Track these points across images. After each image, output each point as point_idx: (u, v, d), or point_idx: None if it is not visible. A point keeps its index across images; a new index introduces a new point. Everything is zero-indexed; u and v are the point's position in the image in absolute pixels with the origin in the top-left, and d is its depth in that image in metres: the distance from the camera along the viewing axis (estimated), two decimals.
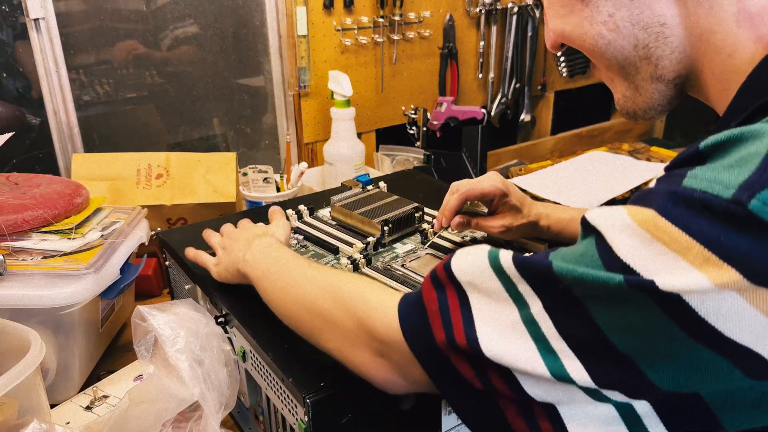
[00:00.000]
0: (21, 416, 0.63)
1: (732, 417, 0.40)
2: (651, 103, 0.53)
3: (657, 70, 0.50)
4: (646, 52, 0.50)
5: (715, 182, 0.36)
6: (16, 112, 1.22)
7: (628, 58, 0.51)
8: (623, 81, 0.53)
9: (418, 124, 1.48)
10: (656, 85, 0.51)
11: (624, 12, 0.49)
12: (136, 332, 0.68)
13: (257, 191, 1.15)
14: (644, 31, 0.49)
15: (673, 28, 0.48)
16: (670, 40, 0.49)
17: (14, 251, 0.80)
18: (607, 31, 0.50)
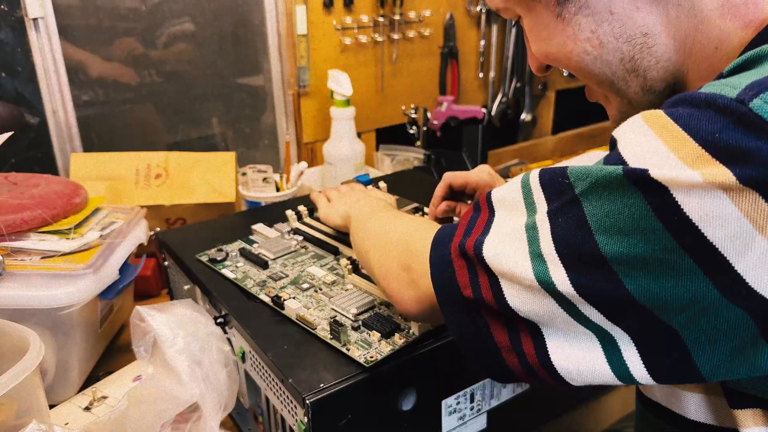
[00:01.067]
0: (20, 417, 0.63)
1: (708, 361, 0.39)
2: None
3: (646, 82, 0.50)
4: (633, 65, 0.49)
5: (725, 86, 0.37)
6: (14, 111, 1.22)
7: (615, 72, 0.50)
8: (616, 96, 0.53)
9: (419, 123, 1.48)
10: (648, 97, 0.51)
11: (606, 27, 0.48)
12: (135, 333, 0.68)
13: (256, 191, 1.15)
14: (628, 44, 0.49)
15: (656, 36, 0.48)
16: (655, 50, 0.48)
17: (13, 251, 0.80)
18: (591, 47, 0.50)
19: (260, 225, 0.87)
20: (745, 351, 0.38)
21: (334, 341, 0.62)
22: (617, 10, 0.48)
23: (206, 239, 0.87)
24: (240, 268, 0.77)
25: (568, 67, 0.53)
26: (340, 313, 0.67)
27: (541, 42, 0.53)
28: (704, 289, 0.37)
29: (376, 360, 0.59)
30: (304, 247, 0.82)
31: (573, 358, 0.43)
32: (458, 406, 0.68)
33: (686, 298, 0.37)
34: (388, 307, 0.68)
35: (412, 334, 0.63)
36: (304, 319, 0.65)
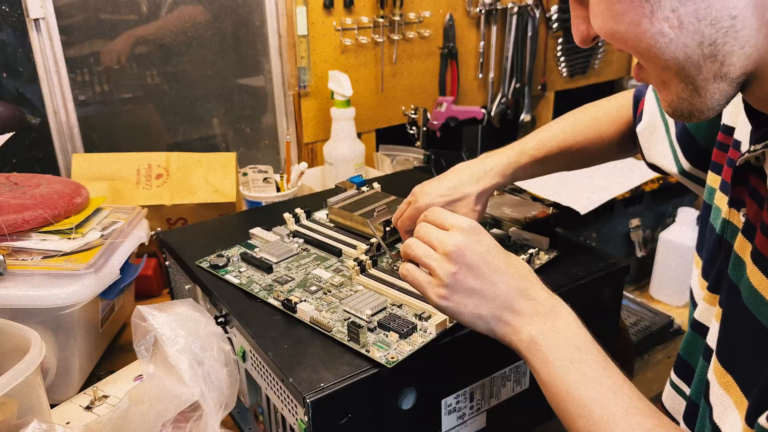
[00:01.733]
0: (21, 416, 0.63)
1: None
2: (710, 104, 0.48)
3: (723, 67, 0.45)
4: (712, 50, 0.45)
5: None
6: (16, 112, 1.22)
7: (690, 57, 0.45)
8: (680, 82, 0.47)
9: (418, 124, 1.48)
10: (719, 84, 0.46)
11: (689, 6, 0.43)
12: (136, 332, 0.68)
13: (257, 191, 1.15)
14: (712, 27, 0.44)
15: (745, 20, 0.43)
16: (742, 34, 0.44)
17: (14, 251, 0.80)
18: (669, 28, 0.44)
19: (258, 229, 0.87)
20: None
21: (352, 343, 0.62)
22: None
23: (207, 239, 0.87)
24: (243, 273, 0.77)
25: (633, 49, 0.47)
26: (354, 315, 0.67)
27: (610, 17, 0.47)
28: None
29: (398, 360, 0.60)
30: (305, 250, 0.83)
31: None
32: (458, 405, 0.68)
33: None
34: (401, 308, 0.68)
35: (430, 334, 0.63)
36: (318, 321, 0.65)
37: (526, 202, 0.93)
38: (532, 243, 0.81)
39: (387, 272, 0.74)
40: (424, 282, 0.58)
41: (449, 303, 0.56)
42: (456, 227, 0.57)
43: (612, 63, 1.96)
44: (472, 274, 0.56)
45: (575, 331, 0.54)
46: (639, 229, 1.46)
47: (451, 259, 0.56)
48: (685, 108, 0.49)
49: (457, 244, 0.56)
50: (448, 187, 0.76)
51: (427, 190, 0.77)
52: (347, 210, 0.87)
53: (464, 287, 0.56)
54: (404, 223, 0.77)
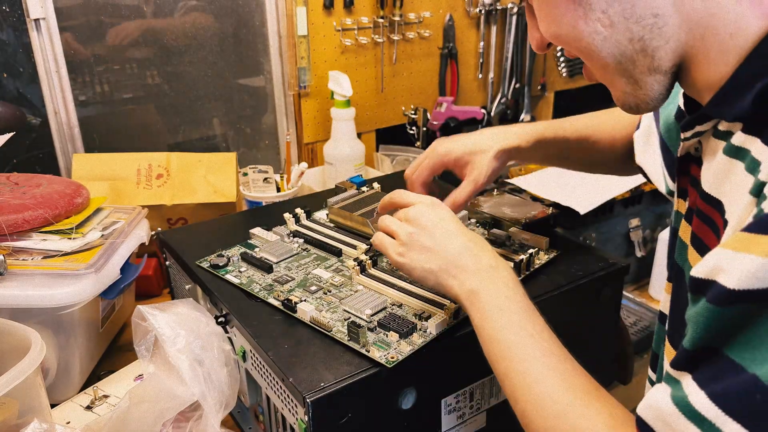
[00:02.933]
0: (21, 416, 0.63)
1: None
2: (652, 95, 0.53)
3: (654, 61, 0.50)
4: (642, 45, 0.49)
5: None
6: (16, 112, 1.22)
7: (624, 52, 0.50)
8: (621, 77, 0.53)
9: (418, 124, 1.48)
10: (654, 76, 0.51)
11: (616, 6, 0.48)
12: (137, 332, 0.69)
13: (257, 191, 1.15)
14: (638, 24, 0.49)
15: (666, 17, 0.48)
16: (665, 30, 0.48)
17: (15, 251, 0.80)
18: (602, 27, 0.49)
19: (258, 229, 0.87)
20: None
21: (352, 343, 0.62)
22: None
23: (208, 239, 0.87)
24: (244, 273, 0.77)
25: (576, 48, 0.52)
26: (354, 315, 0.67)
27: (551, 22, 0.52)
28: None
29: (397, 360, 0.60)
30: (305, 250, 0.83)
31: None
32: (457, 404, 0.68)
33: None
34: (401, 307, 0.68)
35: (429, 334, 0.63)
36: (318, 321, 0.66)
37: (526, 202, 0.94)
38: (531, 243, 0.81)
39: (387, 272, 0.74)
40: (387, 242, 0.65)
41: (405, 259, 0.63)
42: (418, 201, 0.66)
43: None
44: (426, 234, 0.63)
45: (510, 285, 0.59)
46: (638, 229, 1.46)
47: (410, 221, 0.64)
48: (631, 101, 0.54)
49: (416, 211, 0.65)
50: (470, 140, 0.78)
51: (448, 141, 0.78)
52: (347, 210, 0.87)
53: (419, 245, 0.62)
54: (422, 173, 0.77)
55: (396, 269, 0.75)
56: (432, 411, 0.66)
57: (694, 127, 0.54)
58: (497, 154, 0.76)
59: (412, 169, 0.79)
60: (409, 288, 0.71)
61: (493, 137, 0.78)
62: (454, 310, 0.65)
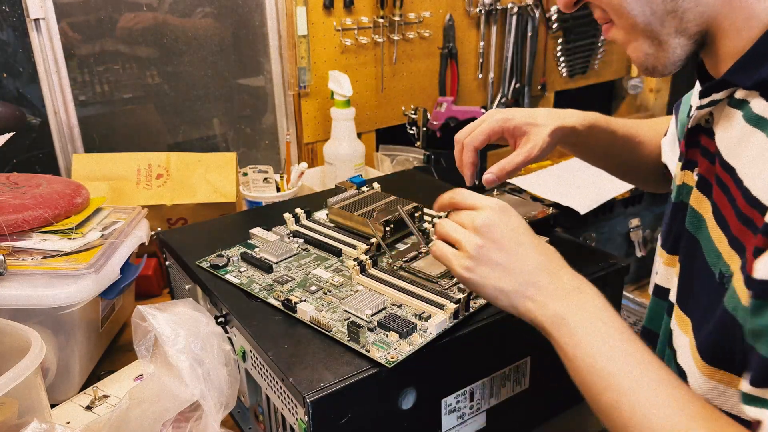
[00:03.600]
0: (21, 416, 0.63)
1: None
2: (673, 58, 0.54)
3: (682, 23, 0.51)
4: (673, 6, 0.51)
5: None
6: (16, 112, 1.22)
7: (655, 12, 0.51)
8: (646, 39, 0.53)
9: (418, 124, 1.48)
10: (679, 39, 0.52)
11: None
12: (137, 332, 0.69)
13: (257, 191, 1.15)
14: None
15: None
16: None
17: (14, 251, 0.80)
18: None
19: (258, 229, 0.87)
20: None
21: (352, 343, 0.62)
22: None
23: (207, 239, 0.87)
24: (243, 273, 0.77)
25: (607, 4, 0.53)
26: (354, 315, 0.67)
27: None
28: None
29: (397, 360, 0.60)
30: (305, 250, 0.83)
31: None
32: (457, 405, 0.68)
33: None
34: (401, 307, 0.68)
35: (429, 334, 0.63)
36: (318, 321, 0.66)
37: (526, 202, 0.94)
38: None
39: (387, 272, 0.74)
40: (450, 254, 0.58)
41: (473, 275, 0.56)
42: (485, 206, 0.59)
43: (612, 63, 1.96)
44: (497, 247, 0.56)
45: (601, 307, 0.53)
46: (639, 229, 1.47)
47: (478, 232, 0.57)
48: (651, 62, 0.55)
49: (485, 220, 0.57)
50: (528, 113, 0.76)
51: (506, 110, 0.77)
52: (347, 210, 0.87)
53: (489, 260, 0.56)
54: (476, 137, 0.74)
55: (396, 270, 0.75)
56: (432, 411, 0.66)
57: (711, 95, 0.54)
58: (555, 130, 0.74)
59: (466, 133, 0.76)
60: (409, 288, 0.71)
61: (550, 114, 0.76)
62: (454, 310, 0.65)
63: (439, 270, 0.74)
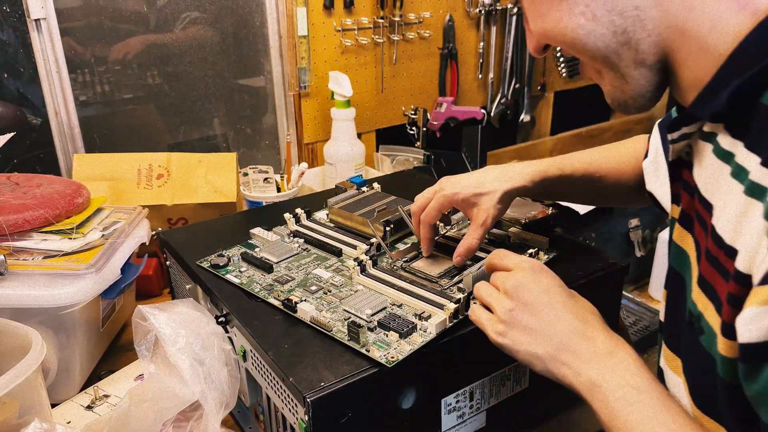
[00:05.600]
0: (22, 416, 0.63)
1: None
2: (639, 90, 0.53)
3: (638, 54, 0.51)
4: (625, 38, 0.51)
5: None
6: (17, 112, 1.22)
7: (609, 45, 0.51)
8: (609, 71, 0.54)
9: (418, 124, 1.48)
10: (640, 70, 0.52)
11: (599, 0, 0.50)
12: (137, 332, 0.69)
13: (258, 191, 1.15)
14: (620, 17, 0.50)
15: (647, 10, 0.49)
16: (646, 23, 0.50)
17: (15, 251, 0.80)
18: (585, 21, 0.51)
19: (258, 229, 0.87)
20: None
21: (352, 342, 0.62)
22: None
23: (208, 239, 0.87)
24: (244, 272, 0.77)
25: (563, 43, 0.54)
26: (354, 315, 0.67)
27: (539, 18, 0.54)
28: None
29: (397, 360, 0.60)
30: (306, 250, 0.83)
31: None
32: (458, 404, 0.68)
33: None
34: (401, 307, 0.69)
35: (429, 333, 0.63)
36: (318, 321, 0.66)
37: (526, 202, 0.94)
38: (531, 243, 0.81)
39: (387, 272, 0.75)
40: (484, 318, 0.58)
41: (506, 340, 0.56)
42: (518, 267, 0.59)
43: None
44: (528, 311, 0.56)
45: (634, 371, 0.52)
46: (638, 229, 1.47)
47: (509, 296, 0.57)
48: (619, 96, 0.55)
49: (516, 282, 0.57)
50: (476, 180, 0.77)
51: (454, 181, 0.77)
52: (347, 210, 0.88)
53: (521, 324, 0.56)
54: (430, 214, 0.75)
55: (397, 270, 0.75)
56: (432, 411, 0.66)
57: (681, 129, 0.54)
58: (503, 196, 0.75)
59: (420, 207, 0.77)
60: (409, 288, 0.71)
61: (498, 178, 0.76)
62: (454, 310, 0.65)
63: (439, 270, 0.74)
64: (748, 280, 0.42)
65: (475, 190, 0.75)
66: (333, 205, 0.90)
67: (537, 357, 0.55)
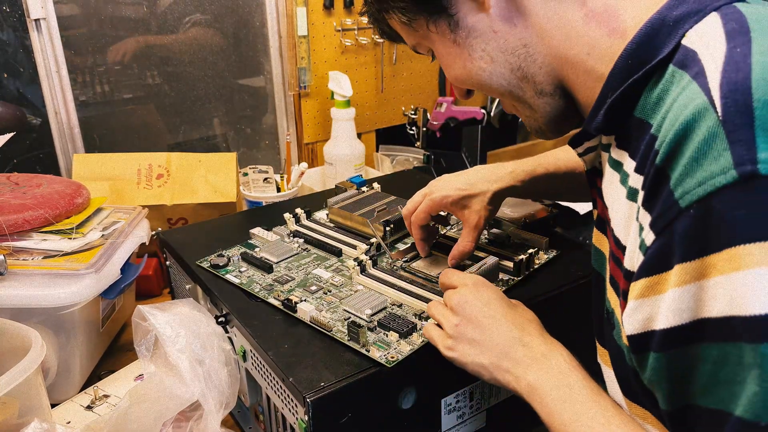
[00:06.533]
0: (22, 416, 0.63)
1: None
2: (548, 116, 0.57)
3: (536, 85, 0.56)
4: (521, 73, 0.55)
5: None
6: (16, 112, 1.22)
7: (510, 81, 0.56)
8: (519, 104, 0.58)
9: (418, 124, 1.48)
10: (543, 99, 0.56)
11: (492, 44, 0.55)
12: (137, 332, 0.69)
13: (257, 191, 1.15)
14: (513, 55, 0.55)
15: (534, 46, 0.54)
16: (536, 57, 0.54)
17: (15, 251, 0.80)
18: (485, 64, 0.56)
19: (258, 229, 0.87)
20: None
21: (352, 342, 0.62)
22: (498, 29, 0.54)
23: (208, 239, 0.87)
24: (244, 272, 0.77)
25: (473, 86, 0.59)
26: (354, 315, 0.67)
27: (448, 68, 0.59)
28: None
29: (397, 360, 0.60)
30: (306, 250, 0.83)
31: None
32: (457, 404, 0.68)
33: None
34: (401, 307, 0.69)
35: None
36: (318, 321, 0.66)
37: (526, 202, 0.94)
38: (531, 243, 0.81)
39: (387, 272, 0.75)
40: (435, 335, 0.61)
41: (455, 353, 0.59)
42: (461, 284, 0.63)
43: None
44: (472, 325, 0.59)
45: (567, 372, 0.55)
46: None
47: (455, 312, 0.61)
48: (534, 125, 0.60)
49: (460, 299, 0.61)
50: (465, 182, 0.77)
51: (443, 183, 0.78)
52: (347, 210, 0.87)
53: (466, 337, 0.59)
54: (419, 216, 0.77)
55: (397, 270, 0.75)
56: (432, 411, 0.66)
57: (583, 143, 0.57)
58: (493, 196, 0.76)
59: (409, 211, 0.78)
60: (409, 288, 0.71)
61: (487, 179, 0.78)
62: None
63: (439, 270, 0.74)
64: (632, 277, 0.45)
65: (465, 192, 0.76)
66: (333, 205, 0.90)
67: (483, 367, 0.58)
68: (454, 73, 0.59)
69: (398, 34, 0.64)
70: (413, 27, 0.60)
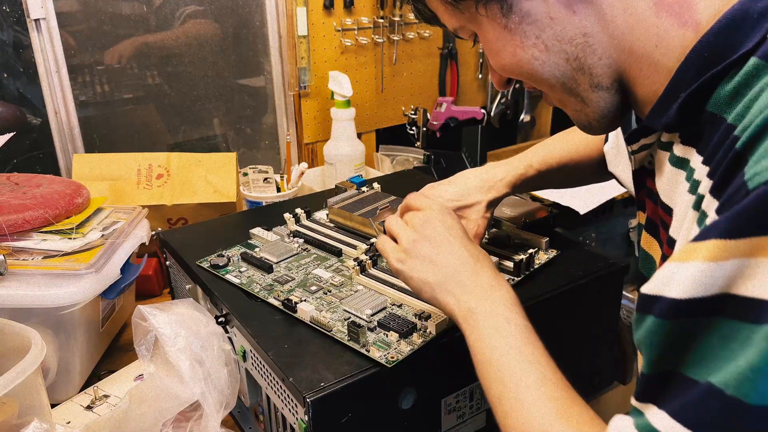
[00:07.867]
0: (22, 416, 0.63)
1: None
2: (601, 112, 0.55)
3: (593, 78, 0.53)
4: (578, 64, 0.52)
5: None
6: (16, 112, 1.22)
7: (565, 73, 0.53)
8: (569, 97, 0.55)
9: (418, 124, 1.48)
10: (598, 93, 0.53)
11: (548, 32, 0.51)
12: (137, 332, 0.69)
13: (257, 191, 1.15)
14: (571, 44, 0.51)
15: (595, 36, 0.51)
16: (596, 48, 0.51)
17: (15, 251, 0.80)
18: (538, 52, 0.52)
19: (258, 229, 0.87)
20: None
21: (352, 342, 0.62)
22: (556, 16, 0.51)
23: (208, 239, 0.87)
24: (244, 273, 0.77)
25: (521, 75, 0.55)
26: (354, 315, 0.67)
27: (495, 55, 0.55)
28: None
29: (397, 360, 0.60)
30: (305, 250, 0.83)
31: None
32: (457, 404, 0.68)
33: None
34: (401, 307, 0.69)
35: (429, 334, 0.63)
36: (318, 321, 0.66)
37: (526, 202, 0.94)
38: (531, 243, 0.81)
39: (387, 272, 0.74)
40: (389, 247, 0.63)
41: (404, 266, 0.61)
42: (427, 207, 0.64)
43: None
44: (428, 243, 0.61)
45: (508, 305, 0.57)
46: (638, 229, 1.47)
47: (415, 229, 0.62)
48: (583, 119, 0.56)
49: (424, 219, 0.63)
50: (458, 193, 0.78)
51: (436, 193, 0.78)
52: (347, 210, 0.87)
53: (420, 254, 0.61)
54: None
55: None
56: (432, 411, 0.66)
57: (639, 140, 0.56)
58: (488, 205, 0.78)
59: None
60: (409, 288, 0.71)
61: (482, 188, 0.79)
62: None
63: None
64: None
65: (459, 204, 0.77)
66: (333, 205, 0.90)
67: (427, 284, 0.60)
68: (501, 62, 0.55)
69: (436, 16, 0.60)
70: (459, 9, 0.55)
